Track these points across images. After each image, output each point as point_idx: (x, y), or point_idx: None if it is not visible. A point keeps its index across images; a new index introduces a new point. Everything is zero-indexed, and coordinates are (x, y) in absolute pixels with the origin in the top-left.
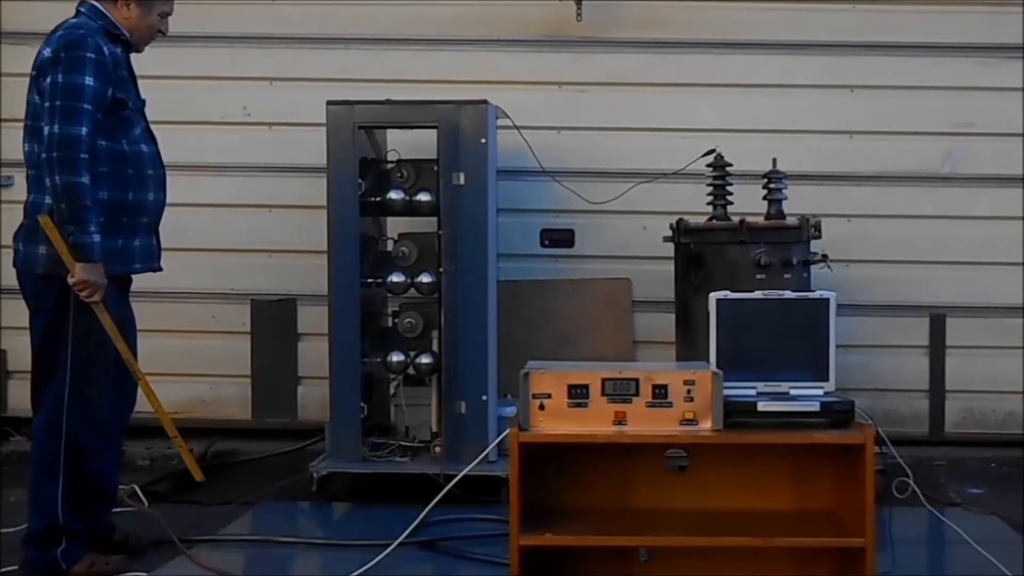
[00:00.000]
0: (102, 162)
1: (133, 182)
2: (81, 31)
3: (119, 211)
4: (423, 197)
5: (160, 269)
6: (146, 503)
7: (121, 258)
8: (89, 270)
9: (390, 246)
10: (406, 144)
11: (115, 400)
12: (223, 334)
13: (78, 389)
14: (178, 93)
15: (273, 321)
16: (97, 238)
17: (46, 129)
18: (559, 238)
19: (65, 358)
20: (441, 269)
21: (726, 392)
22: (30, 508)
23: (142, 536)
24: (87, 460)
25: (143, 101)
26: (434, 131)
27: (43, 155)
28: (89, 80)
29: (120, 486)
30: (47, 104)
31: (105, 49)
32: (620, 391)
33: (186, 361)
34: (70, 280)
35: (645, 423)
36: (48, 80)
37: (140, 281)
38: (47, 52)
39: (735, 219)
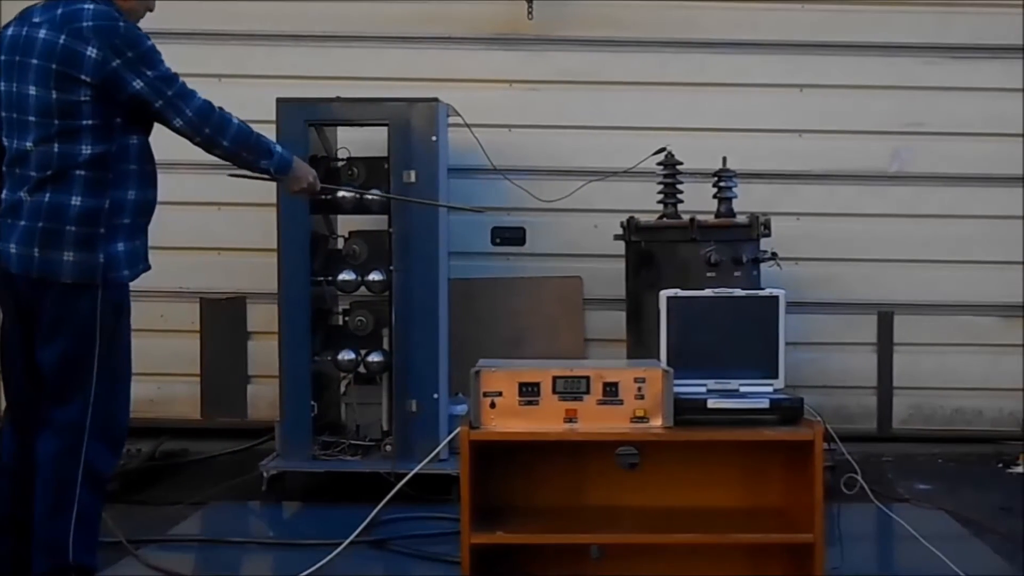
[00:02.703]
0: (133, 159)
1: (149, 179)
2: (121, 23)
3: (140, 211)
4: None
5: (150, 267)
6: None
7: (140, 259)
8: (299, 175)
9: (341, 244)
10: (357, 142)
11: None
12: (172, 333)
13: (102, 410)
14: None
15: (222, 320)
16: (279, 147)
17: (177, 122)
18: (510, 236)
19: (90, 377)
20: (392, 267)
21: (677, 390)
22: (35, 548)
23: None
24: (102, 488)
25: None
26: (384, 129)
27: (196, 140)
28: (167, 66)
29: None
30: (158, 104)
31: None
32: (571, 389)
33: (135, 360)
34: (292, 192)
35: (596, 421)
36: (139, 84)
37: None
38: (97, 54)
39: (685, 217)
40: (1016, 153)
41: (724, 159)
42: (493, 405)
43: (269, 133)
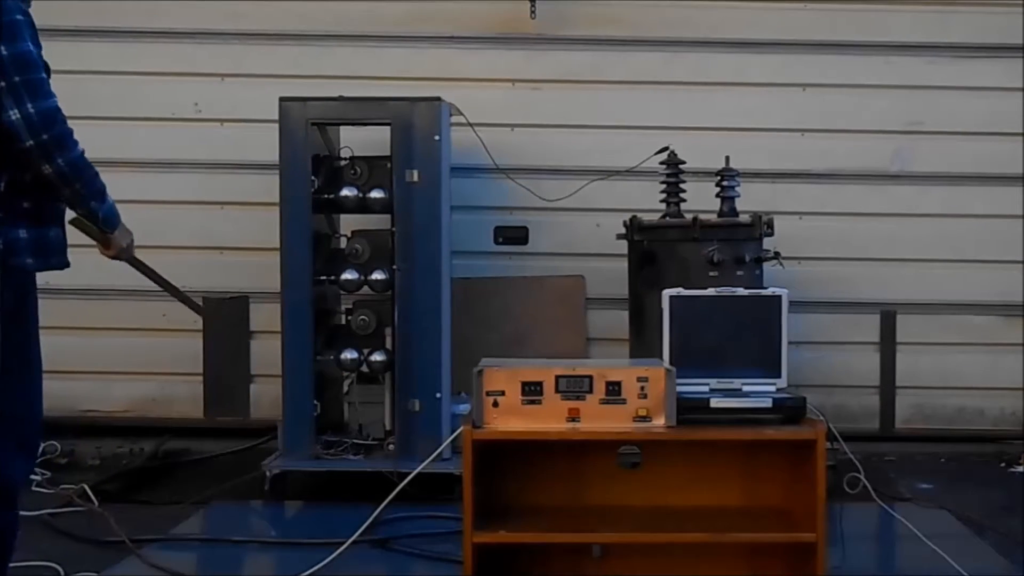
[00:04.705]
0: None
1: None
2: None
3: (47, 195)
4: (376, 194)
5: (68, 265)
6: (96, 502)
7: (47, 250)
8: (124, 233)
9: (343, 243)
10: (359, 141)
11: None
12: (174, 332)
13: (8, 406)
14: (129, 89)
15: (225, 319)
16: (111, 199)
17: (13, 114)
18: (513, 235)
19: None
20: (394, 267)
21: (679, 389)
22: None
23: None
24: (14, 502)
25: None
26: (387, 128)
27: (28, 144)
28: (31, 46)
29: (70, 485)
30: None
31: (22, 5)
32: (574, 388)
33: (136, 359)
34: (108, 254)
35: (598, 420)
36: None
37: (88, 279)
38: None
39: (688, 216)
40: (1017, 152)
41: (727, 158)
42: (495, 404)
43: (272, 133)
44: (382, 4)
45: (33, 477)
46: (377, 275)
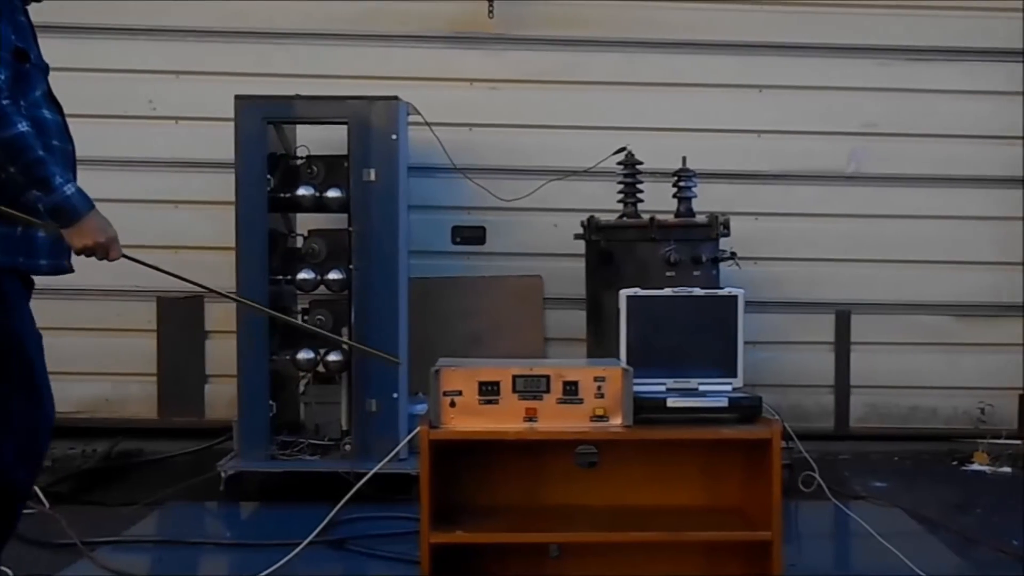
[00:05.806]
0: None
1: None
2: None
3: (17, 190)
4: (333, 193)
5: (71, 270)
6: (47, 504)
7: (24, 249)
8: (87, 229)
9: (300, 243)
10: (316, 140)
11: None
12: (128, 332)
13: None
14: (81, 85)
15: (179, 318)
16: (71, 188)
17: None
18: (470, 235)
19: None
20: (351, 266)
21: (636, 389)
22: None
23: None
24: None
25: (47, 64)
26: (344, 127)
27: None
28: None
29: None
30: None
31: None
32: (531, 388)
33: (90, 359)
34: (75, 251)
35: (556, 420)
36: None
37: (40, 277)
38: None
39: (645, 217)
40: (972, 154)
41: (684, 159)
42: (453, 404)
43: (227, 131)
44: (339, 3)
45: None
46: (334, 275)
